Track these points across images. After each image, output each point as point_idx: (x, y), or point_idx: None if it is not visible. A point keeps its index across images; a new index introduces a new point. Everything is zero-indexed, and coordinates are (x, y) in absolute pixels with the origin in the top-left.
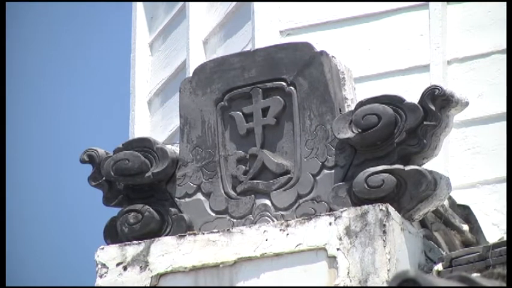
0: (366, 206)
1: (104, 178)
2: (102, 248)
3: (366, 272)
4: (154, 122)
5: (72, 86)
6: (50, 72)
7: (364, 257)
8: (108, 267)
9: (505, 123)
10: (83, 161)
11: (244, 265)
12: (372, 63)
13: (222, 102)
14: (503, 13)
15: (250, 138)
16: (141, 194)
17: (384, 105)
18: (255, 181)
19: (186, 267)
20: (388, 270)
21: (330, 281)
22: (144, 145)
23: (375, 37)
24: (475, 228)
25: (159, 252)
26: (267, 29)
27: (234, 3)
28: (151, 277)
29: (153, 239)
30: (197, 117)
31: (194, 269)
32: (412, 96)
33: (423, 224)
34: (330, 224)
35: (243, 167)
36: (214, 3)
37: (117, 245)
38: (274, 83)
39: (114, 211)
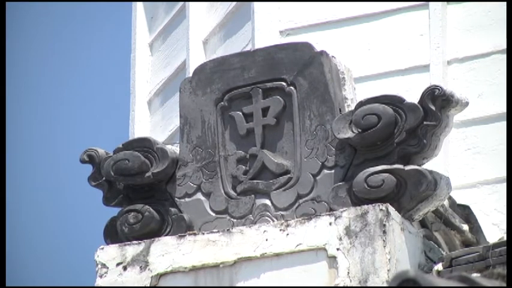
0: (366, 206)
1: (104, 178)
2: (102, 248)
3: (366, 272)
4: (154, 122)
5: (72, 86)
6: (50, 72)
7: (364, 257)
8: (108, 267)
9: (505, 123)
10: (83, 161)
11: (244, 265)
12: (372, 63)
13: (222, 102)
14: (503, 13)
15: (250, 138)
16: (141, 194)
17: (384, 105)
18: (255, 181)
19: (186, 267)
20: (388, 270)
21: (330, 281)
22: (144, 145)
23: (375, 37)
24: (475, 228)
25: (159, 252)
26: (267, 29)
27: (234, 3)
28: (151, 277)
29: (153, 239)
30: (197, 117)
31: (194, 269)
32: (412, 96)
33: (423, 224)
34: (330, 224)
35: (243, 167)
36: (214, 3)
37: (117, 245)
38: (274, 83)
39: (114, 211)
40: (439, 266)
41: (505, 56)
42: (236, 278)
